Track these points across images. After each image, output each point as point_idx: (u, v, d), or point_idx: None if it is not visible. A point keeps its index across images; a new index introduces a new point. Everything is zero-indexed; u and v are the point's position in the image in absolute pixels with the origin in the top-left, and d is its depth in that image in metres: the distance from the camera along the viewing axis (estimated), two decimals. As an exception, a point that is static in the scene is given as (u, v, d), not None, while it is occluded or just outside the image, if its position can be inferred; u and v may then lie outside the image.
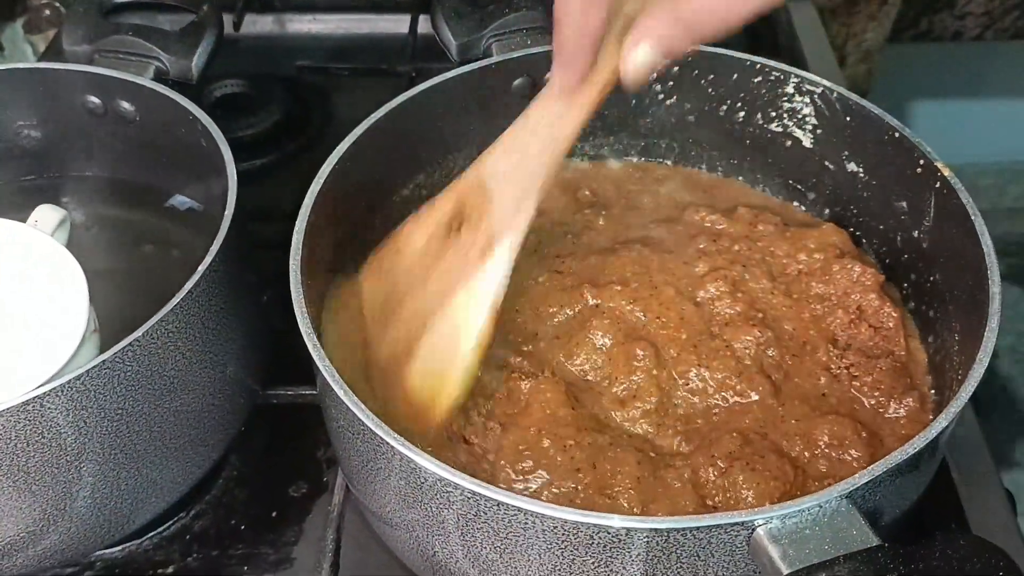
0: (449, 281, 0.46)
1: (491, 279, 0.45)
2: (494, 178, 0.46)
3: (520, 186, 0.45)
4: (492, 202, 0.46)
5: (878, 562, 0.35)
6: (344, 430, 0.44)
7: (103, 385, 0.44)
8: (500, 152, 0.46)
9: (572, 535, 0.38)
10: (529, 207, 0.45)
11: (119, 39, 0.60)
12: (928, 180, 0.50)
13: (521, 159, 0.45)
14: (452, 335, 0.45)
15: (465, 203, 0.47)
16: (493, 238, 0.45)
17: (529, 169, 0.45)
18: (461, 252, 0.46)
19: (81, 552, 0.51)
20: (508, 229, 0.45)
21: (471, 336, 0.45)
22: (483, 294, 0.45)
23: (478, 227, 0.46)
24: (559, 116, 0.44)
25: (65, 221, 0.55)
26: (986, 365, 0.40)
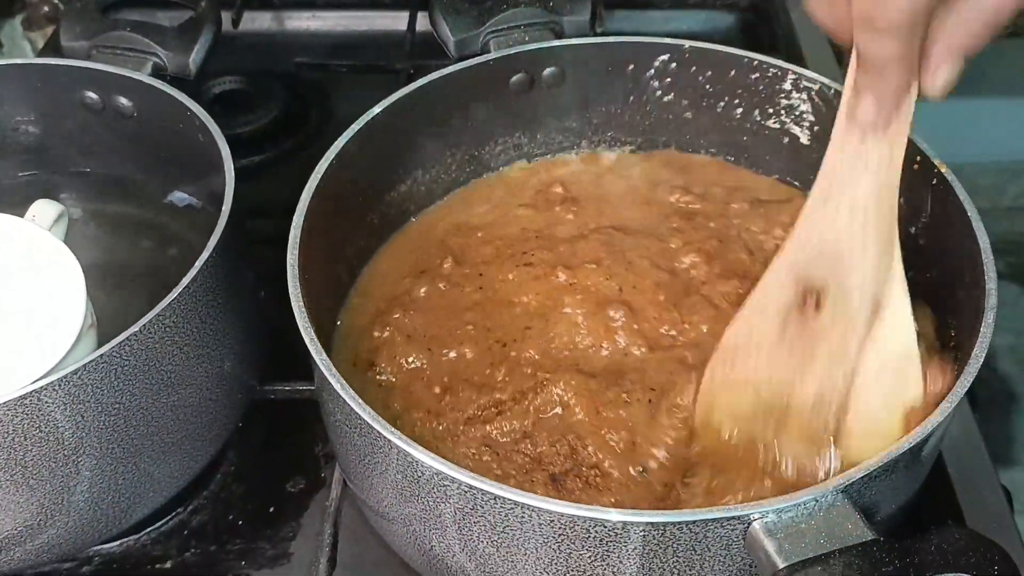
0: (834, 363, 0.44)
1: (900, 324, 0.43)
2: (830, 242, 0.43)
3: (872, 233, 0.43)
4: (846, 266, 0.43)
5: (873, 556, 0.35)
6: (341, 424, 0.44)
7: (100, 380, 0.44)
8: (822, 217, 0.44)
9: (569, 528, 0.38)
10: (894, 245, 0.43)
11: (117, 35, 0.60)
12: (925, 177, 0.50)
13: (858, 209, 0.43)
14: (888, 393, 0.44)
15: (807, 281, 0.44)
16: (878, 302, 0.43)
17: (872, 213, 0.43)
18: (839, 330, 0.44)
19: (79, 547, 0.51)
20: (890, 286, 0.43)
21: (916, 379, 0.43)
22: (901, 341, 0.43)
23: (847, 299, 0.43)
24: (879, 152, 0.42)
25: (63, 216, 0.55)
26: (981, 361, 0.40)
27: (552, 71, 0.58)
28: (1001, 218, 1.60)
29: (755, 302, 0.46)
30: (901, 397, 0.43)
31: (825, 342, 0.44)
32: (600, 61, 0.58)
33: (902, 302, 0.43)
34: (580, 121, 0.61)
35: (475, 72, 0.57)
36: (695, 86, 0.59)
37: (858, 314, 0.43)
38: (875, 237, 0.43)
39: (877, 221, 0.43)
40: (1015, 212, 1.63)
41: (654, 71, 0.59)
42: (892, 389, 0.43)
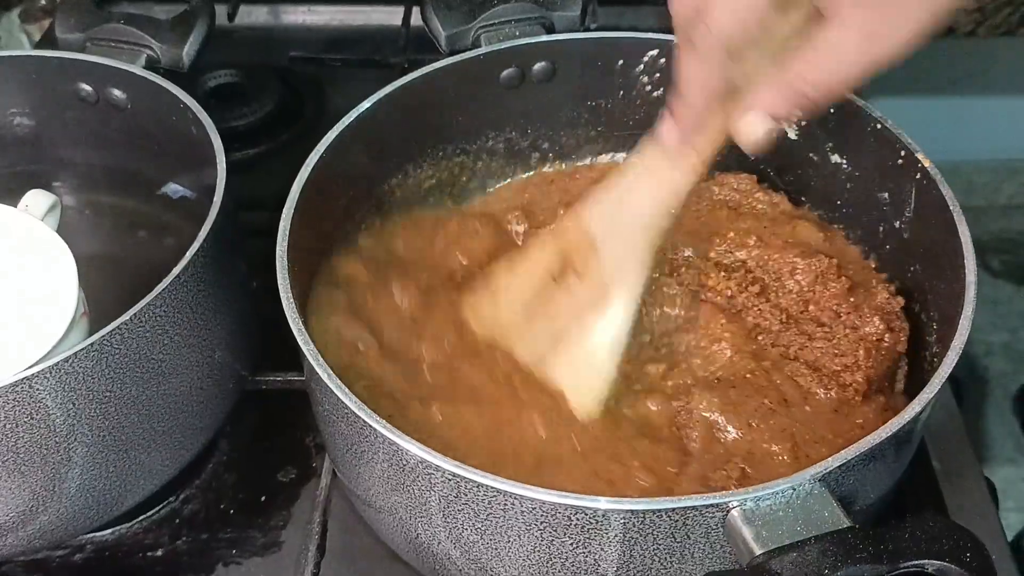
0: (561, 320, 0.48)
1: (610, 329, 0.47)
2: (600, 228, 0.47)
3: (630, 239, 0.46)
4: (601, 255, 0.47)
5: (848, 543, 0.35)
6: (329, 414, 0.44)
7: (91, 367, 0.45)
8: (606, 203, 0.47)
9: (551, 516, 0.38)
10: (643, 263, 0.46)
11: (111, 27, 0.60)
12: (909, 171, 0.50)
13: (630, 213, 0.46)
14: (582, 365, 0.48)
15: (570, 253, 0.48)
16: (608, 291, 0.47)
17: (638, 222, 0.46)
18: (572, 298, 0.48)
19: (71, 533, 0.51)
20: (624, 281, 0.46)
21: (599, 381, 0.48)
22: (604, 342, 0.47)
23: (587, 274, 0.47)
24: (668, 173, 0.44)
25: (55, 206, 0.55)
26: (960, 352, 0.41)
27: (542, 66, 0.59)
28: (997, 216, 1.60)
29: (519, 262, 0.51)
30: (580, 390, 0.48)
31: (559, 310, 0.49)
32: (590, 56, 0.59)
33: (625, 309, 0.47)
34: (570, 116, 0.62)
35: (465, 67, 0.57)
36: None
37: (590, 300, 0.47)
38: (631, 246, 0.46)
39: (639, 234, 0.46)
40: (1010, 210, 1.63)
41: (643, 66, 0.59)
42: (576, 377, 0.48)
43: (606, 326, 0.47)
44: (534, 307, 0.50)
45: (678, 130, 0.43)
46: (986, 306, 1.48)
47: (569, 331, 0.48)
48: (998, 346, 1.44)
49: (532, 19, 0.60)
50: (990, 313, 1.46)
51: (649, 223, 0.46)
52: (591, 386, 0.48)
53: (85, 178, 0.63)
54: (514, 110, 0.60)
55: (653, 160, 0.45)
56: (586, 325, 0.48)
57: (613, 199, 0.47)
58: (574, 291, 0.48)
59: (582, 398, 0.48)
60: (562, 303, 0.49)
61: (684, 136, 0.43)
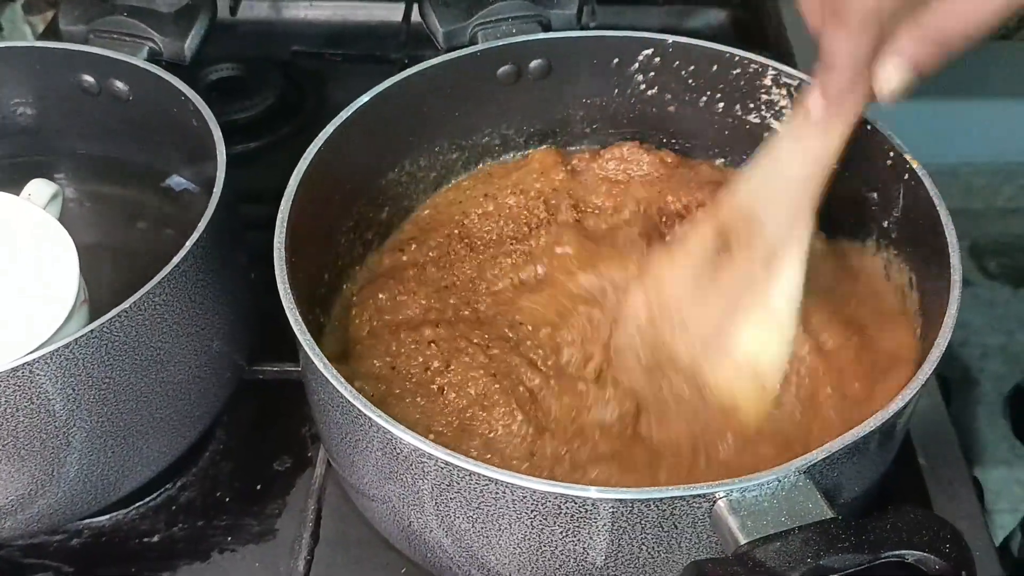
0: (732, 297, 0.49)
1: (787, 286, 0.47)
2: (756, 204, 0.48)
3: (789, 207, 0.47)
4: (762, 224, 0.48)
5: (830, 532, 0.36)
6: (324, 403, 0.45)
7: (91, 354, 0.45)
8: (758, 180, 0.48)
9: (541, 504, 0.39)
10: (805, 223, 0.47)
11: (114, 20, 0.61)
12: (898, 173, 0.51)
13: (784, 185, 0.47)
14: (759, 337, 0.48)
15: (728, 229, 0.49)
16: (774, 252, 0.48)
17: (796, 191, 0.47)
18: (739, 271, 0.49)
19: (68, 518, 0.52)
20: (790, 242, 0.47)
21: (784, 339, 0.48)
22: (783, 301, 0.48)
23: (752, 247, 0.48)
24: (817, 142, 0.45)
25: (57, 195, 0.56)
26: (943, 350, 0.42)
27: (538, 63, 0.59)
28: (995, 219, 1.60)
29: (679, 246, 0.51)
30: (763, 354, 0.48)
31: (723, 282, 0.49)
32: (585, 54, 0.59)
33: (796, 270, 0.47)
34: (565, 113, 0.62)
35: (462, 63, 0.58)
36: (678, 80, 0.60)
37: (756, 264, 0.48)
38: (790, 210, 0.47)
39: (797, 197, 0.47)
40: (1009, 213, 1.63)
41: (638, 65, 0.59)
42: (760, 342, 0.48)
43: (783, 286, 0.48)
44: (698, 289, 0.50)
45: (824, 101, 0.44)
46: (983, 308, 1.48)
47: (737, 307, 0.49)
48: (994, 348, 1.44)
49: (529, 17, 0.61)
50: (986, 316, 1.47)
51: (805, 186, 0.46)
52: (776, 352, 0.48)
53: (87, 169, 0.64)
54: (510, 107, 0.61)
55: (800, 131, 0.46)
56: (757, 294, 0.48)
57: (764, 173, 0.48)
58: (740, 264, 0.49)
59: (769, 365, 0.48)
60: (727, 279, 0.49)
61: (832, 106, 0.44)
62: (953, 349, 1.42)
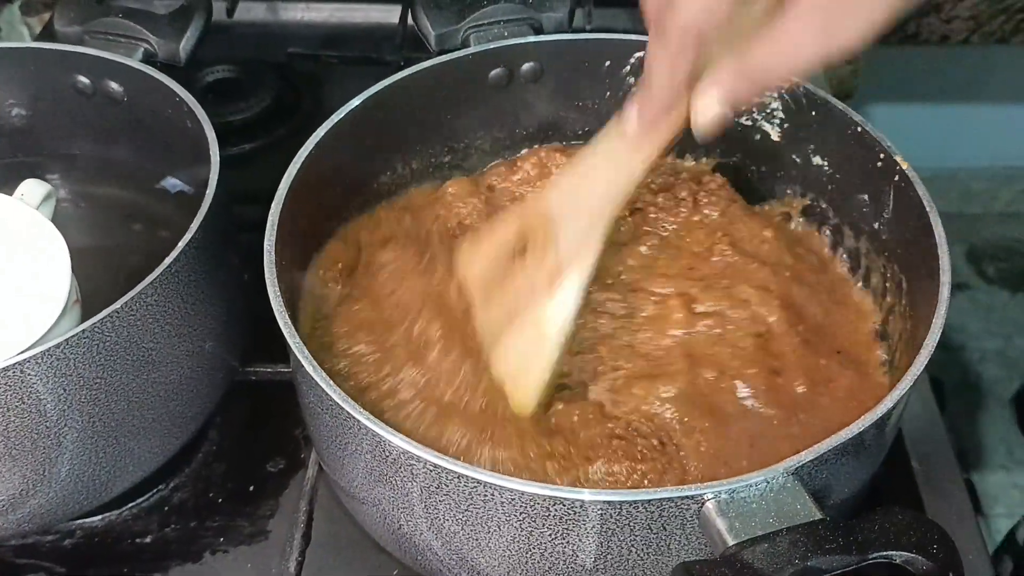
0: (515, 302, 0.49)
1: (560, 310, 0.47)
2: (559, 210, 0.48)
3: (585, 221, 0.47)
4: (557, 233, 0.48)
5: (818, 534, 0.36)
6: (314, 406, 0.45)
7: (82, 355, 0.45)
8: (565, 186, 0.49)
9: (530, 506, 0.39)
10: (595, 243, 0.47)
11: (109, 21, 0.61)
12: (888, 174, 0.51)
13: (587, 196, 0.47)
14: (525, 353, 0.48)
15: (529, 230, 0.49)
16: (560, 270, 0.47)
17: (593, 205, 0.47)
18: (527, 278, 0.49)
19: (60, 518, 0.52)
20: (575, 262, 0.47)
21: (544, 361, 0.48)
22: (552, 323, 0.48)
23: (544, 256, 0.48)
24: (626, 158, 0.45)
25: (51, 196, 0.56)
26: (932, 351, 0.42)
27: (530, 66, 0.59)
28: (993, 223, 1.61)
29: (482, 237, 0.51)
30: (524, 366, 0.48)
31: (513, 286, 0.49)
32: (577, 57, 0.59)
33: (573, 289, 0.47)
34: (557, 116, 0.62)
35: (454, 66, 0.58)
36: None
37: (541, 276, 0.48)
38: (585, 224, 0.47)
39: (594, 212, 0.47)
40: (1007, 217, 1.63)
41: (629, 68, 0.59)
42: (523, 355, 0.48)
43: (556, 310, 0.48)
44: (495, 285, 0.50)
45: (640, 120, 0.44)
46: (981, 312, 1.48)
47: (520, 313, 0.49)
48: (992, 352, 1.44)
49: (521, 20, 0.61)
50: (984, 319, 1.47)
51: (604, 206, 0.47)
52: (536, 372, 0.48)
53: (81, 170, 0.64)
54: (502, 109, 0.61)
55: (613, 143, 0.46)
56: (536, 308, 0.48)
57: (573, 180, 0.48)
58: (530, 270, 0.49)
59: (521, 388, 0.48)
60: (518, 282, 0.49)
61: (646, 126, 0.44)
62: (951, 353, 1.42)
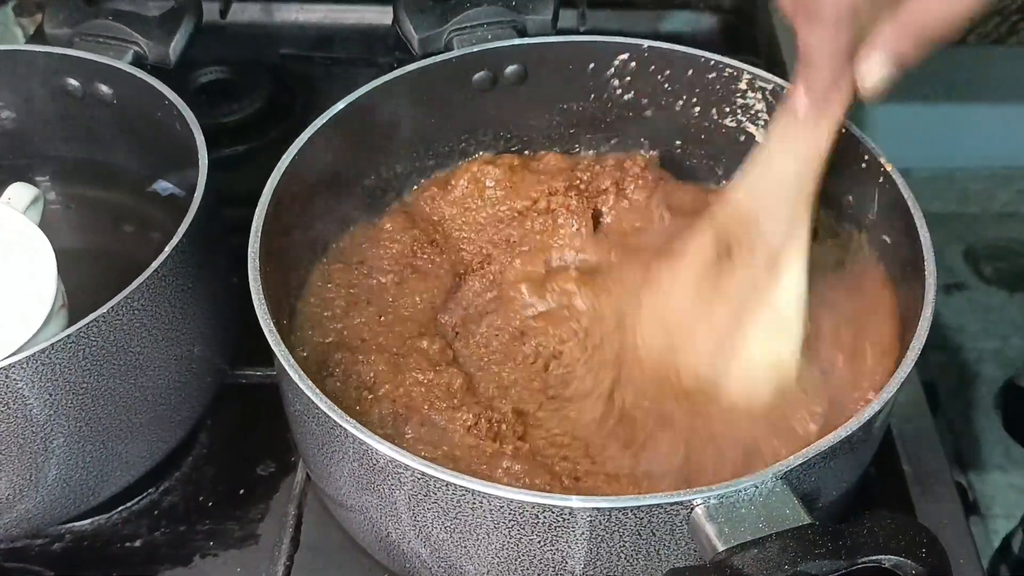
0: (736, 303, 0.49)
1: (792, 286, 0.48)
2: (753, 207, 0.48)
3: (786, 207, 0.47)
4: (760, 225, 0.48)
5: (807, 538, 0.36)
6: (300, 414, 0.45)
7: (68, 359, 0.45)
8: (751, 185, 0.49)
9: (518, 514, 0.39)
10: (804, 222, 0.47)
11: (99, 23, 0.61)
12: (872, 175, 0.51)
13: (778, 187, 0.47)
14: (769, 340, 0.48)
15: (727, 235, 0.49)
16: (776, 254, 0.48)
17: (791, 190, 0.47)
18: (743, 275, 0.49)
19: (48, 522, 0.52)
20: (790, 242, 0.47)
21: (793, 340, 0.48)
22: (789, 304, 0.48)
23: (752, 251, 0.48)
24: (806, 138, 0.46)
25: (38, 199, 0.55)
26: (919, 353, 0.41)
27: (514, 69, 0.59)
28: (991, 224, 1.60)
29: (678, 260, 0.51)
30: (773, 356, 0.48)
31: (726, 288, 0.49)
32: (561, 60, 0.59)
33: (798, 272, 0.47)
34: (542, 118, 0.62)
35: (438, 70, 0.58)
36: (654, 85, 0.59)
37: (759, 272, 0.48)
38: (787, 210, 0.47)
39: (793, 197, 0.47)
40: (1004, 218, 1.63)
41: (614, 70, 0.59)
42: (768, 346, 0.48)
43: (787, 287, 0.48)
44: (702, 299, 0.50)
45: (809, 99, 0.44)
46: (978, 313, 1.48)
47: (747, 308, 0.49)
48: (989, 353, 1.44)
49: (504, 22, 0.60)
50: (982, 320, 1.47)
51: (798, 187, 0.47)
52: (787, 351, 0.48)
53: (71, 173, 0.64)
54: (486, 112, 0.61)
55: (787, 131, 0.46)
56: (764, 295, 0.48)
57: (758, 175, 0.48)
58: (741, 268, 0.49)
59: (782, 365, 0.48)
60: (732, 283, 0.49)
61: (818, 102, 0.44)
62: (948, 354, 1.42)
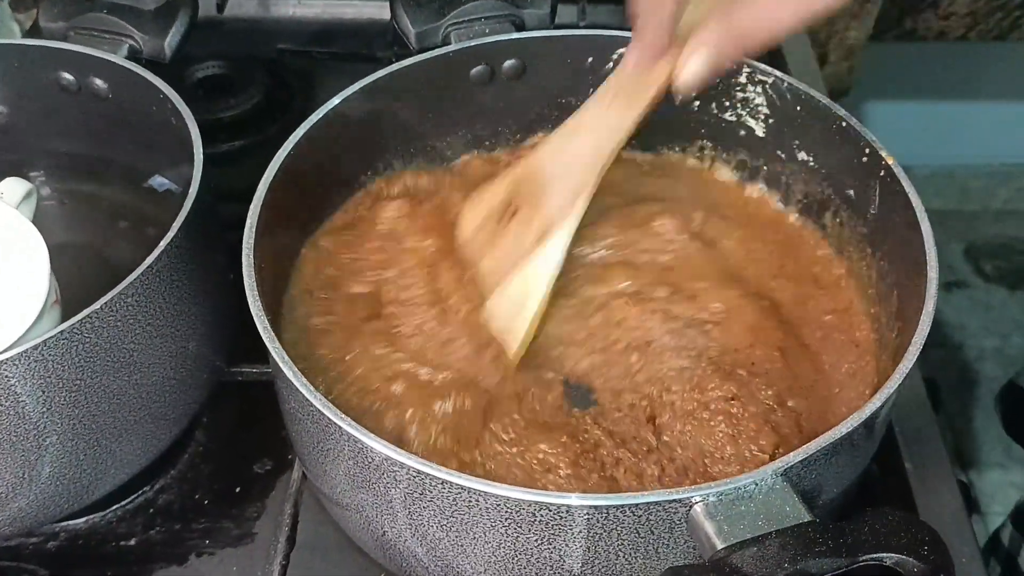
0: (504, 262, 0.50)
1: (546, 264, 0.49)
2: (549, 169, 0.49)
3: (574, 179, 0.48)
4: (546, 192, 0.49)
5: (807, 536, 0.36)
6: (296, 412, 0.44)
7: (61, 356, 0.45)
8: (556, 144, 0.50)
9: (515, 512, 0.38)
10: (582, 200, 0.48)
11: (94, 17, 0.60)
12: (873, 168, 0.50)
13: (576, 153, 0.48)
14: (511, 309, 0.50)
15: (519, 190, 0.50)
16: (549, 227, 0.48)
17: (583, 163, 0.48)
18: (517, 237, 0.50)
19: (42, 520, 0.51)
20: (562, 219, 0.48)
21: (529, 313, 0.49)
22: (539, 277, 0.49)
23: (533, 215, 0.49)
24: (614, 115, 0.47)
25: (31, 194, 0.55)
26: (920, 348, 0.41)
27: (512, 63, 0.59)
28: (991, 221, 1.61)
29: (477, 198, 0.53)
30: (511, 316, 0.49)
31: (500, 247, 0.51)
32: (559, 54, 0.59)
33: (559, 244, 0.49)
34: (540, 113, 0.62)
35: (435, 64, 0.57)
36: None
37: (530, 235, 0.49)
38: (574, 181, 0.48)
39: (583, 169, 0.48)
40: (1005, 215, 1.63)
41: (612, 64, 0.59)
42: (509, 314, 0.50)
43: (543, 260, 0.49)
44: (489, 245, 0.51)
45: (635, 57, 0.45)
46: (978, 310, 1.48)
47: (510, 270, 0.50)
48: (990, 351, 1.44)
49: (502, 16, 0.60)
50: (982, 318, 1.47)
51: (592, 163, 0.48)
52: (520, 323, 0.49)
53: (65, 167, 0.63)
54: (484, 107, 0.60)
55: (601, 103, 0.47)
56: (524, 264, 0.49)
57: (562, 139, 0.50)
58: (520, 229, 0.50)
59: (510, 335, 0.49)
60: (509, 241, 0.50)
61: (645, 60, 0.45)
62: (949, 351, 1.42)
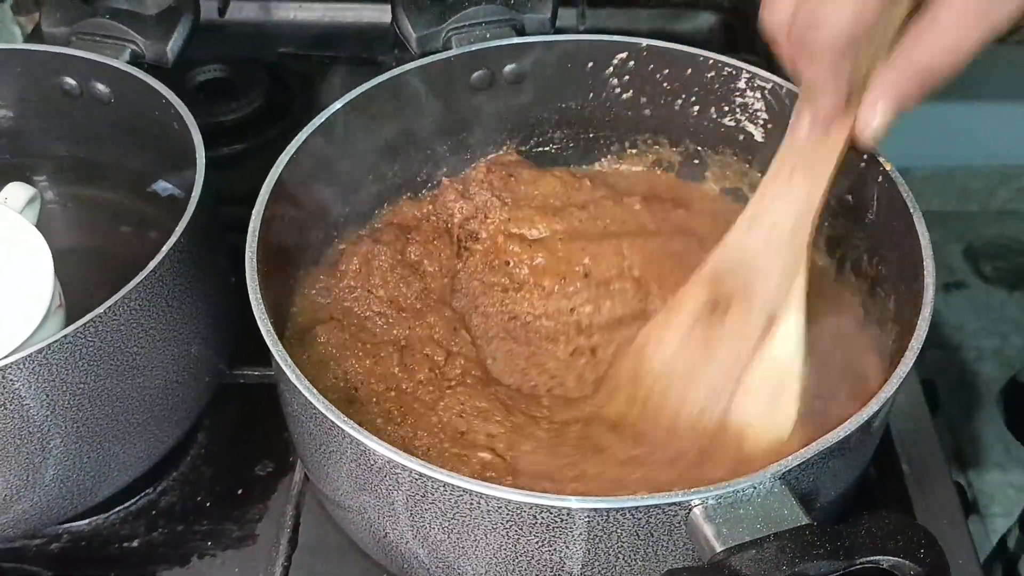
0: (730, 362, 0.46)
1: (790, 340, 0.45)
2: (748, 259, 0.46)
3: (781, 260, 0.45)
4: (755, 281, 0.46)
5: (805, 539, 0.36)
6: (298, 414, 0.45)
7: (65, 359, 0.45)
8: (745, 234, 0.47)
9: (516, 514, 0.39)
10: (802, 273, 0.45)
11: (97, 22, 0.61)
12: (871, 174, 0.50)
13: (771, 233, 0.46)
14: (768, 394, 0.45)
15: (722, 289, 0.47)
16: (774, 311, 0.45)
17: (784, 242, 0.45)
18: (736, 338, 0.46)
19: (46, 522, 0.52)
20: (787, 304, 0.45)
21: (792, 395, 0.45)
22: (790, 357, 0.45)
23: (749, 311, 0.46)
24: (804, 192, 0.44)
25: (35, 199, 0.55)
26: (917, 352, 0.41)
27: (513, 68, 0.59)
28: (991, 222, 1.60)
29: (673, 303, 0.49)
30: (773, 414, 0.45)
31: (723, 347, 0.47)
32: (559, 59, 0.59)
33: (795, 323, 0.45)
34: (540, 117, 0.62)
35: (436, 68, 0.58)
36: (653, 84, 0.59)
37: (755, 325, 0.46)
38: (783, 260, 0.45)
39: (788, 247, 0.45)
40: (1005, 216, 1.63)
41: (612, 69, 0.59)
42: (767, 403, 0.45)
43: (784, 340, 0.45)
44: (704, 347, 0.47)
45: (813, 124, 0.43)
46: (978, 311, 1.48)
47: (740, 362, 0.46)
48: (989, 352, 1.44)
49: (503, 21, 0.60)
50: (982, 319, 1.47)
51: (796, 232, 0.45)
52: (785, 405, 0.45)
53: (68, 172, 0.64)
54: (484, 111, 0.60)
55: (788, 178, 0.45)
56: (762, 354, 0.46)
57: (750, 223, 0.47)
58: (738, 324, 0.46)
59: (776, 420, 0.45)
60: (731, 335, 0.47)
61: (821, 125, 0.43)
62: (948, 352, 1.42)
